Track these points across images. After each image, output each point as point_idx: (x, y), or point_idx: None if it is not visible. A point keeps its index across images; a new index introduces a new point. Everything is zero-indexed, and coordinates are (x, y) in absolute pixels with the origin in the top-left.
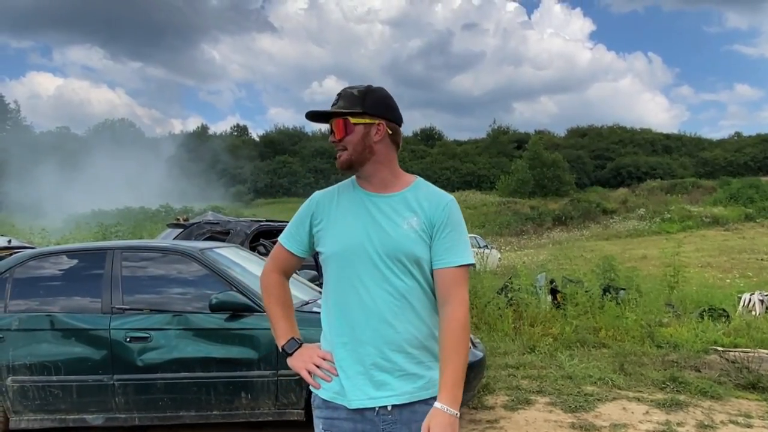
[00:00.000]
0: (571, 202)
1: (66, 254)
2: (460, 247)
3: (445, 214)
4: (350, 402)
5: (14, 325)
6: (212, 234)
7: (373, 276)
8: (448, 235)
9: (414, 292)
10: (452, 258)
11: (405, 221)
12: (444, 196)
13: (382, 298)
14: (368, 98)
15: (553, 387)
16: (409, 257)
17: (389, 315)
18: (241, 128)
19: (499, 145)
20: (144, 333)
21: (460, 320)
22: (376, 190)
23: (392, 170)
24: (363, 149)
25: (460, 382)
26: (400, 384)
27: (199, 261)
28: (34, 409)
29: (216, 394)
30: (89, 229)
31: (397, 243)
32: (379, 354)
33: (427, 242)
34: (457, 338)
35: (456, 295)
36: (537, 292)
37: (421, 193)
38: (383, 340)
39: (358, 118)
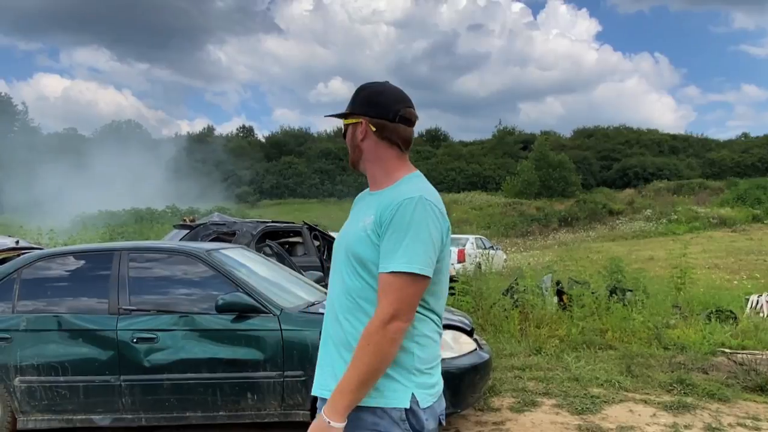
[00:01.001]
0: (578, 203)
1: (73, 255)
2: (398, 253)
3: (390, 215)
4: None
5: (22, 325)
6: (218, 235)
7: (335, 272)
8: (388, 238)
9: (362, 293)
10: (386, 263)
11: (363, 220)
12: (401, 195)
13: (336, 295)
14: (357, 97)
15: (559, 389)
16: (355, 257)
17: (339, 312)
18: (247, 129)
19: (505, 146)
20: (151, 334)
21: (365, 333)
22: (372, 188)
23: (384, 167)
24: (353, 149)
25: (347, 392)
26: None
27: (205, 262)
28: (41, 409)
29: (222, 395)
30: (96, 230)
31: (348, 242)
32: (335, 348)
33: (377, 243)
34: (356, 350)
35: (378, 305)
36: (543, 294)
37: (393, 192)
38: (335, 335)
39: (348, 119)
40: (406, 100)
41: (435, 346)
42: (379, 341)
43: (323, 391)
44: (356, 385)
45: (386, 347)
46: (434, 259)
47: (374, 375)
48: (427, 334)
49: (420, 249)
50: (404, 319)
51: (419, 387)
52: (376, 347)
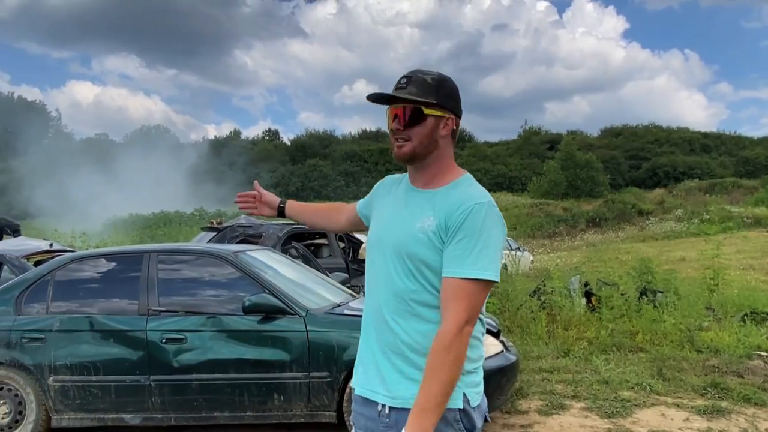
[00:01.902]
0: (606, 203)
1: (104, 257)
2: (471, 258)
3: (460, 218)
4: (358, 389)
5: (55, 326)
6: (245, 237)
7: (381, 272)
8: (459, 242)
9: (416, 296)
10: (455, 268)
11: (420, 221)
12: (471, 198)
13: (384, 297)
14: (442, 89)
15: (588, 392)
16: (412, 258)
17: (387, 315)
18: (273, 133)
19: (531, 146)
20: (179, 334)
21: (443, 341)
22: (420, 184)
23: (445, 166)
24: (429, 142)
25: (430, 409)
26: (396, 387)
27: (232, 264)
28: (74, 408)
29: (249, 396)
30: (127, 233)
31: (403, 242)
32: (381, 351)
33: (438, 247)
34: (434, 360)
35: (449, 311)
36: (571, 295)
37: (453, 193)
38: (384, 339)
39: (430, 109)
40: None
41: (481, 346)
42: (458, 349)
43: (372, 393)
44: (441, 398)
45: (463, 353)
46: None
47: (455, 384)
48: (475, 335)
49: (491, 255)
50: (473, 323)
51: (469, 386)
52: (456, 356)
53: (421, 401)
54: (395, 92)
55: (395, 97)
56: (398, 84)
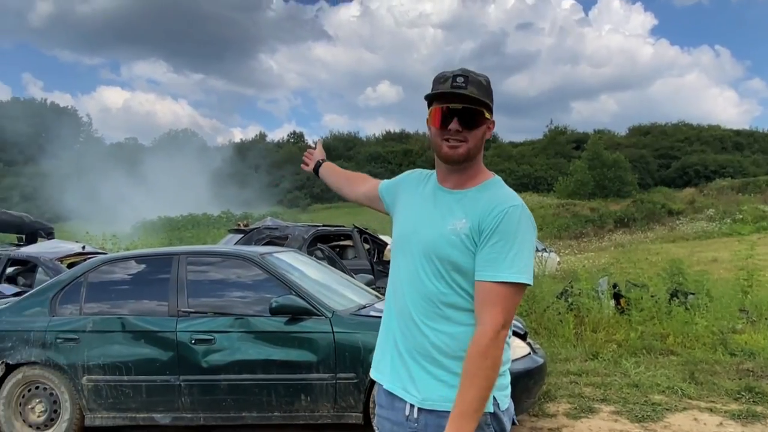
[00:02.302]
0: (634, 203)
1: (135, 259)
2: (506, 262)
3: (495, 221)
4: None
5: (88, 327)
6: (271, 239)
7: (409, 273)
8: (494, 245)
9: (446, 298)
10: (491, 272)
11: (452, 222)
12: (504, 201)
13: (412, 298)
14: (489, 91)
15: (618, 395)
16: (442, 261)
17: (416, 317)
18: (297, 135)
19: (557, 146)
20: (208, 335)
21: (481, 346)
22: (450, 185)
23: (478, 167)
24: (481, 145)
25: (470, 414)
26: (426, 388)
27: (259, 265)
28: (107, 407)
29: (277, 396)
30: (156, 235)
31: (434, 243)
32: (408, 353)
33: (471, 250)
34: (471, 365)
35: (485, 315)
36: (599, 297)
37: (483, 195)
38: (412, 341)
39: (488, 111)
40: None
41: (509, 349)
42: (495, 353)
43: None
44: (479, 404)
45: (499, 358)
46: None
47: (492, 388)
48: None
49: (526, 258)
50: (509, 327)
51: (498, 389)
52: (493, 360)
53: (460, 407)
54: (457, 90)
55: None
56: (455, 83)
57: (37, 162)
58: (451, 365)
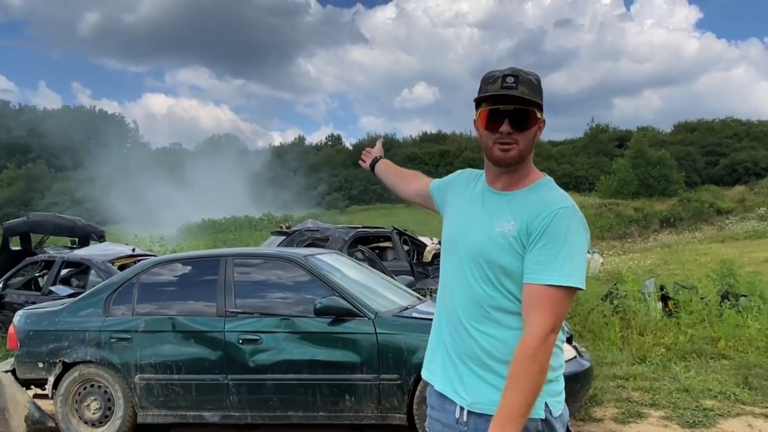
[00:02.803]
0: (681, 202)
1: (184, 261)
2: (556, 264)
3: (544, 223)
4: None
5: (141, 327)
6: (313, 241)
7: (457, 275)
8: (543, 248)
9: (494, 302)
10: (540, 274)
11: (500, 225)
12: (554, 202)
13: (461, 301)
14: (540, 90)
15: (667, 400)
16: (490, 264)
17: (465, 320)
18: (335, 138)
19: (599, 144)
20: (255, 335)
21: (528, 350)
22: (499, 187)
23: (528, 168)
24: (532, 146)
25: (514, 419)
26: (475, 391)
27: (303, 267)
28: (158, 405)
29: (321, 396)
30: (200, 238)
31: (481, 246)
32: (458, 356)
33: (520, 253)
34: (517, 369)
35: (533, 319)
36: (645, 299)
37: (533, 196)
38: (461, 344)
39: (540, 112)
40: None
41: (561, 354)
42: (543, 357)
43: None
44: (525, 409)
45: (547, 363)
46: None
47: (538, 393)
48: (556, 343)
49: (577, 261)
50: (558, 331)
51: (550, 395)
52: (541, 364)
53: (504, 411)
54: (507, 91)
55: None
56: (506, 83)
57: (87, 167)
58: (500, 369)
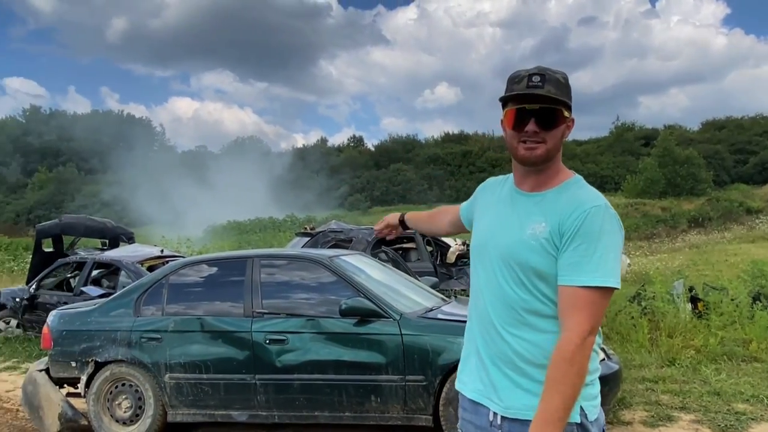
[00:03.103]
0: (709, 201)
1: (212, 262)
2: (591, 265)
3: (576, 223)
4: (467, 392)
5: (170, 327)
6: (336, 242)
7: (489, 279)
8: (577, 249)
9: (527, 305)
10: (575, 276)
11: (531, 226)
12: (586, 201)
13: (493, 305)
14: (568, 88)
15: (698, 403)
16: (523, 267)
17: (497, 323)
18: (357, 139)
19: (624, 143)
20: (281, 336)
21: (566, 352)
22: (527, 188)
23: (557, 167)
24: (558, 145)
25: (553, 423)
26: (509, 397)
27: (328, 268)
28: (187, 404)
29: (347, 397)
30: (226, 239)
31: (512, 249)
32: (490, 360)
33: (553, 254)
34: (555, 372)
35: (570, 321)
36: (674, 301)
37: (563, 196)
38: (494, 349)
39: (567, 110)
40: None
41: (597, 357)
42: (581, 360)
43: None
44: (563, 413)
45: (585, 365)
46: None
47: (577, 397)
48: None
49: (612, 261)
50: (596, 333)
51: (585, 399)
52: (579, 367)
53: (543, 414)
54: (533, 90)
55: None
56: (531, 82)
57: (115, 170)
58: (534, 373)
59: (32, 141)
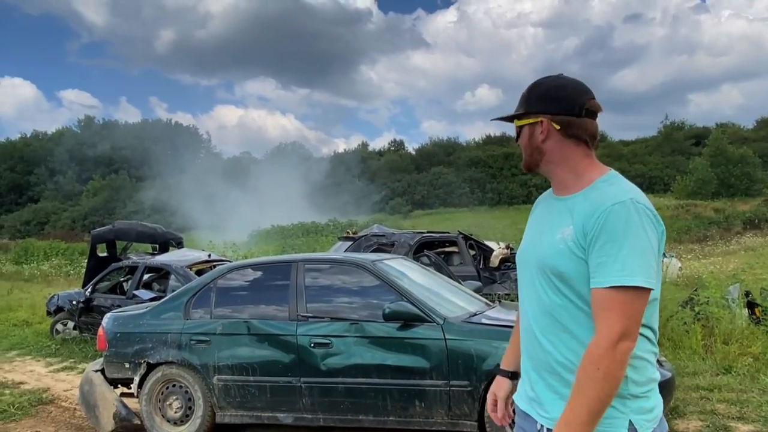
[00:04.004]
0: (765, 202)
1: (258, 266)
2: (615, 265)
3: (598, 223)
4: (520, 402)
5: (218, 329)
6: (379, 245)
7: (527, 288)
8: (602, 248)
9: (563, 311)
10: (600, 277)
11: (560, 230)
12: (609, 198)
13: (533, 312)
14: (532, 95)
15: (756, 413)
16: (553, 272)
17: (538, 331)
18: (398, 143)
19: (673, 143)
20: (326, 339)
21: (594, 355)
22: (558, 192)
23: (572, 169)
24: (532, 151)
25: (575, 426)
26: (553, 408)
27: (371, 272)
28: (235, 405)
29: (392, 401)
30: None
31: (543, 254)
32: (534, 370)
33: (580, 256)
34: (581, 375)
35: (599, 324)
36: (730, 306)
37: (592, 196)
38: (536, 356)
39: (523, 119)
40: (589, 91)
41: (650, 367)
42: (609, 365)
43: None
44: (587, 417)
45: (616, 371)
46: (655, 268)
47: (605, 404)
48: (640, 355)
49: (640, 259)
50: (632, 338)
51: (636, 413)
52: (606, 372)
53: (566, 416)
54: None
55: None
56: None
57: (164, 177)
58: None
59: (86, 150)
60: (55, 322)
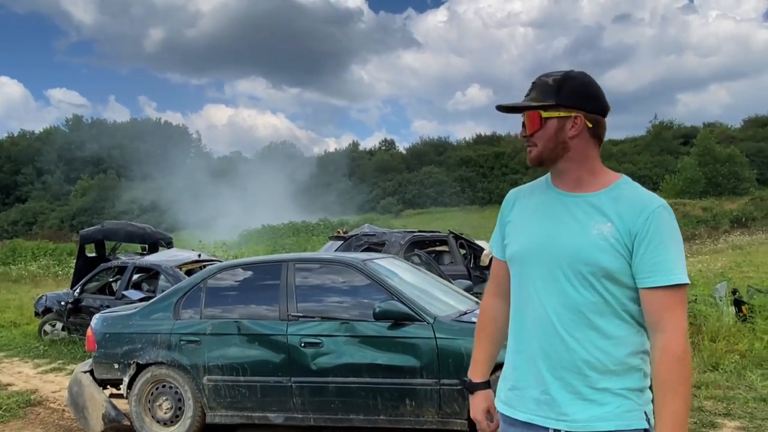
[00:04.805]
0: (753, 201)
1: (248, 266)
2: (671, 264)
3: (648, 224)
4: (519, 413)
5: (208, 330)
6: (369, 245)
7: (547, 283)
8: (655, 250)
9: (595, 308)
10: (661, 276)
11: (596, 227)
12: (650, 201)
13: (555, 310)
14: (564, 87)
15: (743, 410)
16: (592, 268)
17: (562, 330)
18: (389, 142)
19: (662, 142)
20: (316, 339)
21: (676, 353)
22: (569, 189)
23: (590, 168)
24: (555, 145)
25: (681, 427)
26: (573, 409)
27: (362, 271)
28: (225, 405)
29: (382, 400)
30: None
31: (581, 251)
32: (550, 371)
33: (623, 255)
34: (672, 374)
35: (669, 322)
36: (717, 304)
37: (622, 196)
38: (556, 356)
39: (551, 111)
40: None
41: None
42: (689, 360)
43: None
44: (687, 414)
45: (690, 363)
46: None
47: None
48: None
49: (683, 258)
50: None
51: (648, 404)
52: (689, 367)
53: (671, 419)
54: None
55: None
56: (526, 93)
57: (154, 177)
58: (598, 381)
59: (75, 150)
60: (43, 323)
